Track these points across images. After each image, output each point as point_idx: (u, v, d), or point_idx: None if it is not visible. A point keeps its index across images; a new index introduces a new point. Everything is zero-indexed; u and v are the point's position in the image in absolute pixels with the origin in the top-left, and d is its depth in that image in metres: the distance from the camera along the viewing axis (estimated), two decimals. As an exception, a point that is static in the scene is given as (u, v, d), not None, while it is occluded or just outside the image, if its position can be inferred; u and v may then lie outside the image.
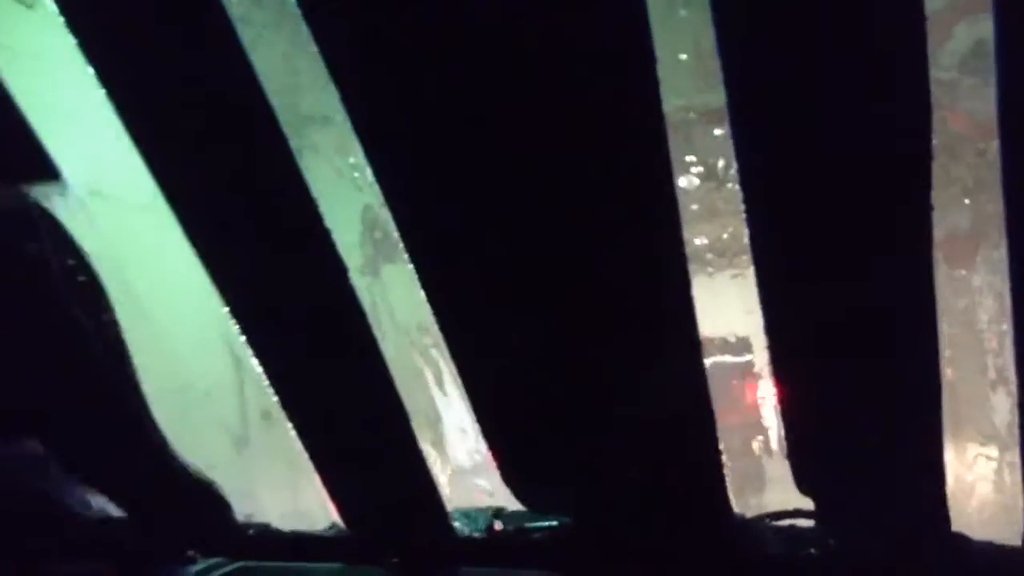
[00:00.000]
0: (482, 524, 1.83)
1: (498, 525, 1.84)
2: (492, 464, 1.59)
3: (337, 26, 1.13)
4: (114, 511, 1.96)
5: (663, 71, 1.08)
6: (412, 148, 1.23)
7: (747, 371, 7.64)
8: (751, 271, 1.18)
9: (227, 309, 1.51)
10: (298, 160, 1.33)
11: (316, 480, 1.71)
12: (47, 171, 1.60)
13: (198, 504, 1.96)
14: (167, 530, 2.00)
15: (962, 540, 1.44)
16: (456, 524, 1.82)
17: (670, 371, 1.34)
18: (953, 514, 1.41)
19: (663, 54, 1.08)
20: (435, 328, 1.36)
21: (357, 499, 1.80)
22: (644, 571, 1.65)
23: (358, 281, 1.44)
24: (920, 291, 1.17)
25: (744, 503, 1.59)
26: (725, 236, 6.78)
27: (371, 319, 1.50)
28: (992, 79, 1.09)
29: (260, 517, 2.06)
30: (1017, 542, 1.43)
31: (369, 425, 1.65)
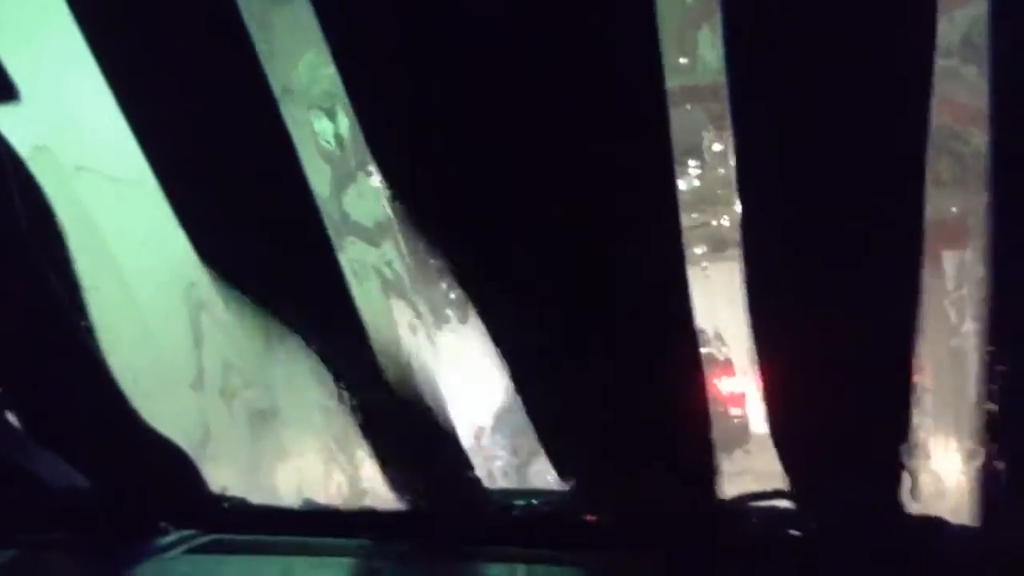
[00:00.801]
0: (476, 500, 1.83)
1: (491, 501, 1.84)
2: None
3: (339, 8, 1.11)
4: (84, 481, 1.94)
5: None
6: (411, 130, 1.21)
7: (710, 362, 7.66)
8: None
9: (217, 285, 1.50)
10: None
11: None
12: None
13: (170, 476, 1.94)
14: (138, 501, 1.98)
15: (935, 522, 1.47)
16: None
17: (667, 357, 1.34)
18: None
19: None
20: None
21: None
22: (633, 552, 1.66)
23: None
24: (906, 281, 1.17)
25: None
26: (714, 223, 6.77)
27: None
28: (979, 67, 1.08)
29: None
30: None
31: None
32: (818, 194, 1.15)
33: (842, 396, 1.33)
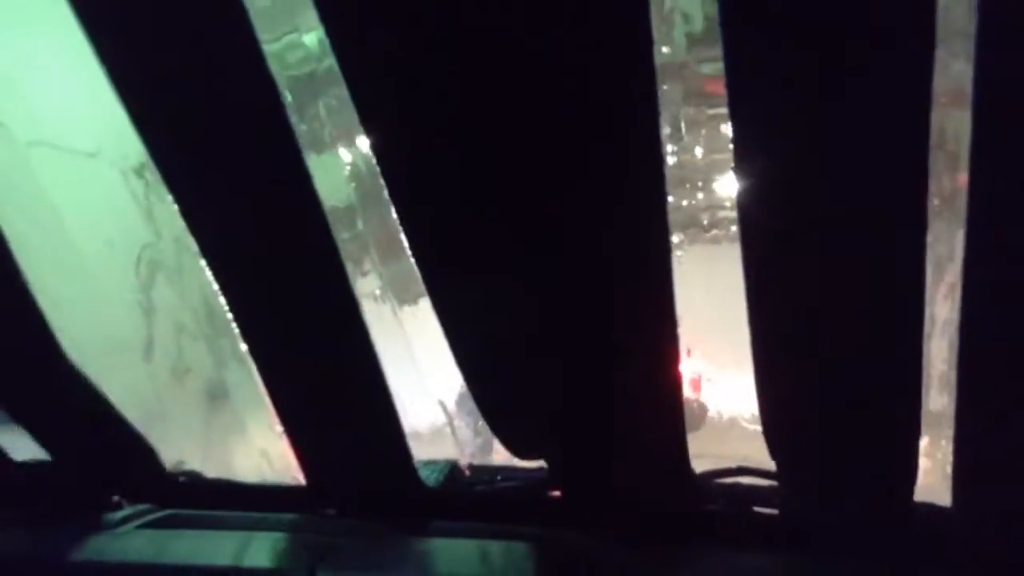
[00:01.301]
0: (441, 475, 1.81)
1: (458, 477, 1.83)
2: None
3: None
4: (35, 454, 1.87)
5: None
6: (403, 99, 1.17)
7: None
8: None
9: (201, 252, 1.45)
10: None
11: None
12: None
13: (124, 449, 1.88)
14: (91, 474, 1.92)
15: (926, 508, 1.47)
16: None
17: (644, 337, 1.33)
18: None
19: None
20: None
21: (321, 447, 1.74)
22: (602, 528, 1.66)
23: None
24: (909, 264, 1.16)
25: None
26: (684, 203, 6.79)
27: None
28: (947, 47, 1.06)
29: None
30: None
31: (338, 370, 1.59)
32: (819, 184, 1.13)
33: (840, 384, 1.32)
